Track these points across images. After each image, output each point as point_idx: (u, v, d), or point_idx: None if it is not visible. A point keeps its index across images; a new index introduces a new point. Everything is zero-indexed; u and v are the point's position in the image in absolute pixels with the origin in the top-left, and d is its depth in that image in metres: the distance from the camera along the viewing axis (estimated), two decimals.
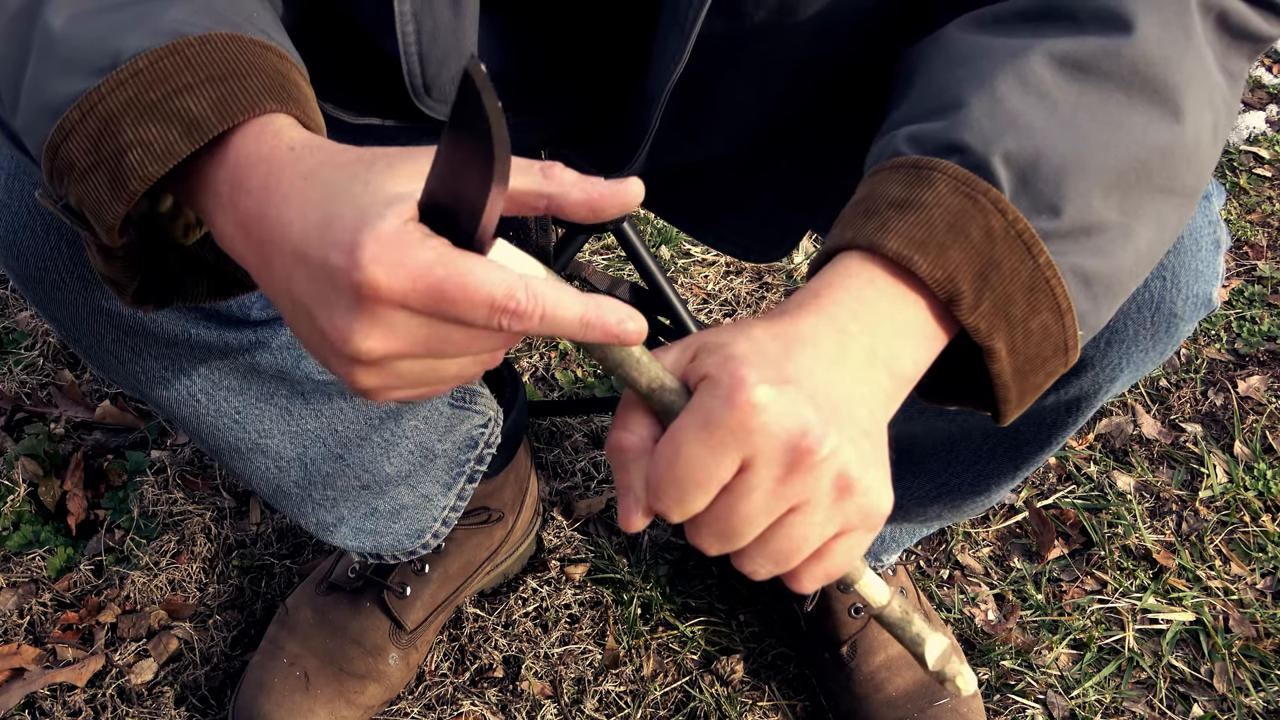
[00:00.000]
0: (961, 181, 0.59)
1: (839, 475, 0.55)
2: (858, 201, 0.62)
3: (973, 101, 0.61)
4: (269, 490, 1.06)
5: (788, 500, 0.55)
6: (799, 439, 0.54)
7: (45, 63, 0.59)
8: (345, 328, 0.53)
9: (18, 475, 1.49)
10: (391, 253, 0.51)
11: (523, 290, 0.52)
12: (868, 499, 0.57)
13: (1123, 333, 0.78)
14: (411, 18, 0.69)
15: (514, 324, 0.52)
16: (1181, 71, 0.62)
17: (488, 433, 1.19)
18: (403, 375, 0.56)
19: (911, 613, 0.66)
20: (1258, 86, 2.44)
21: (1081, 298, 0.62)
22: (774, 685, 1.34)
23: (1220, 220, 0.80)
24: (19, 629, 1.35)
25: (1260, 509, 1.55)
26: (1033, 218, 0.59)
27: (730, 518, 0.56)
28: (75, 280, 0.79)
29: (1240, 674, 1.37)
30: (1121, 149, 0.61)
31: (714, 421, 0.54)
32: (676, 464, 0.55)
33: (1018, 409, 0.64)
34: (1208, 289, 0.79)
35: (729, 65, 0.78)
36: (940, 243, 0.58)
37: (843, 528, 0.58)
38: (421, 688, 1.32)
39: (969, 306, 0.59)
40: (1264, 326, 1.83)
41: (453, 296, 0.51)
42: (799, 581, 0.60)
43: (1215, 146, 0.66)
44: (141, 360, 0.87)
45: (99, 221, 0.58)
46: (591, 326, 0.54)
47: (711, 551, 0.58)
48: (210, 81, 0.56)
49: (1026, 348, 0.61)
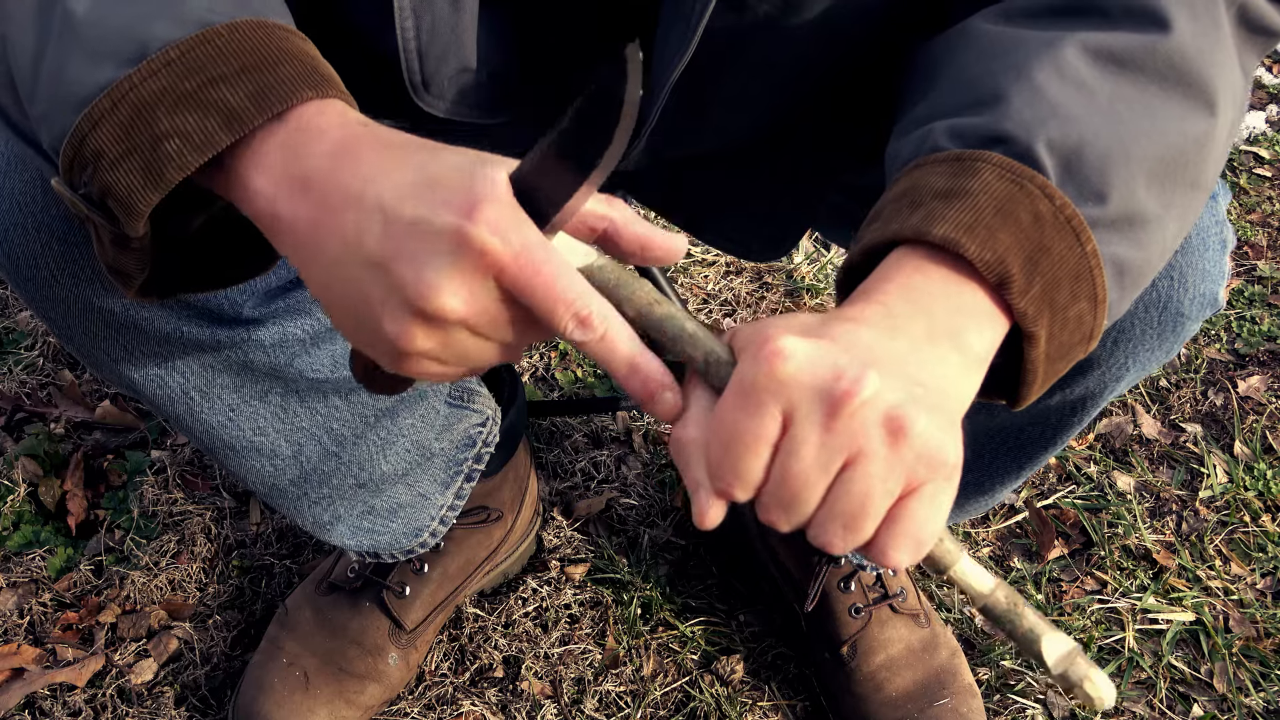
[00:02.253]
0: (1007, 169, 0.58)
1: (887, 418, 0.53)
2: (899, 195, 0.61)
3: (1012, 93, 0.61)
4: (265, 489, 1.06)
5: (839, 451, 0.54)
6: (833, 382, 0.53)
7: (68, 51, 0.59)
8: (434, 281, 0.54)
9: (18, 475, 1.49)
10: (507, 221, 0.53)
11: (598, 310, 0.55)
12: (928, 445, 0.53)
13: (1129, 332, 0.78)
14: (411, 13, 0.70)
15: (577, 334, 0.55)
16: (1215, 65, 0.63)
17: (485, 432, 1.19)
18: (452, 347, 0.57)
19: (1021, 604, 0.60)
20: (1258, 86, 2.44)
21: (1114, 288, 0.61)
22: (774, 685, 1.34)
23: (1226, 220, 0.80)
24: (19, 629, 1.35)
25: (1260, 509, 1.55)
26: (1080, 205, 0.59)
27: (786, 479, 0.55)
28: (67, 277, 0.79)
29: (1240, 674, 1.37)
30: (1161, 140, 0.61)
31: (747, 381, 0.54)
32: (723, 433, 0.55)
33: (1036, 395, 0.63)
34: (1214, 288, 0.79)
35: (731, 59, 0.78)
36: (989, 225, 0.57)
37: (909, 481, 0.54)
38: (421, 688, 1.32)
39: (1020, 290, 0.57)
40: (1264, 326, 1.83)
41: (542, 284, 0.54)
42: (886, 555, 0.56)
43: (1230, 143, 0.67)
44: (134, 358, 0.87)
45: (127, 210, 0.58)
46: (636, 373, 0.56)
47: (784, 527, 0.57)
48: (244, 72, 0.57)
49: (1062, 335, 0.60)
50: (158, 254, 0.65)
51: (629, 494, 1.53)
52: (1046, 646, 0.59)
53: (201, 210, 0.66)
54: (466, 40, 0.73)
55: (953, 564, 0.59)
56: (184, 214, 0.66)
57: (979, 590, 0.60)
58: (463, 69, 0.75)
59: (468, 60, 0.74)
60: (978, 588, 0.60)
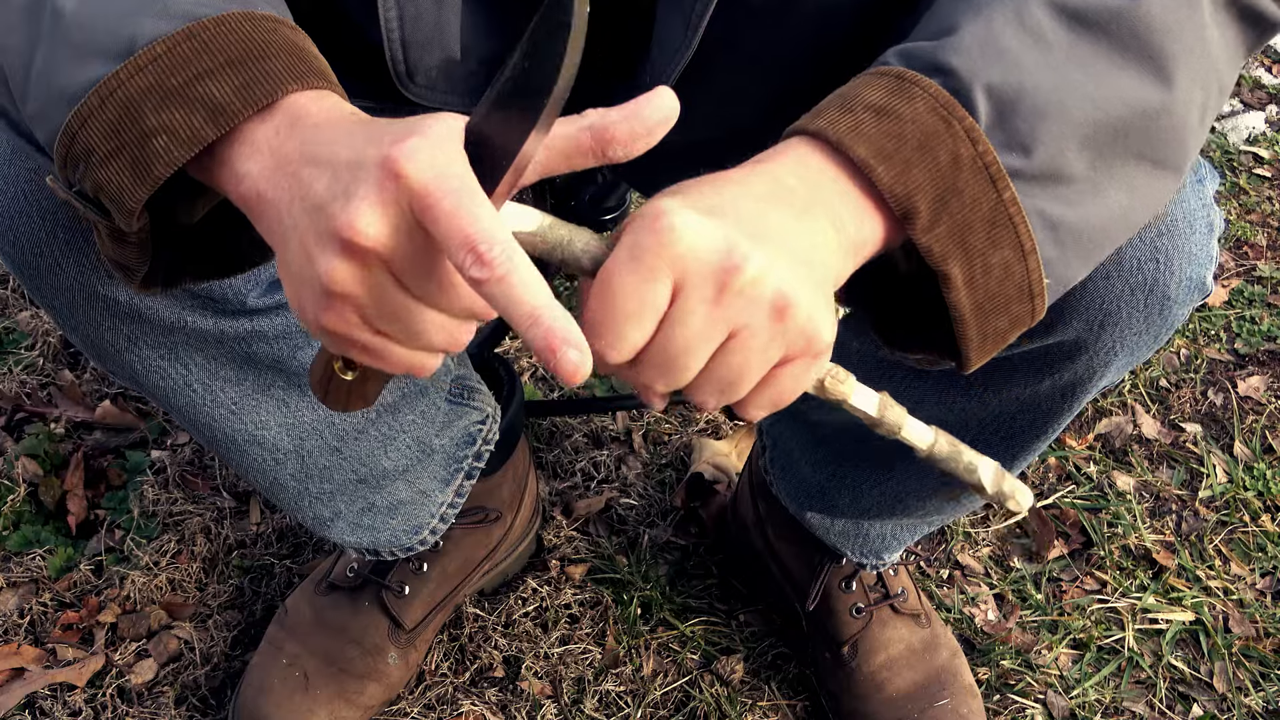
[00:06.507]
0: (940, 103, 0.59)
1: (776, 296, 0.55)
2: (837, 95, 0.62)
3: (966, 28, 0.61)
4: (266, 483, 1.06)
5: (725, 324, 0.55)
6: (725, 258, 0.54)
7: (57, 49, 0.59)
8: (353, 207, 0.52)
9: (18, 475, 1.49)
10: (431, 150, 0.52)
11: (501, 247, 0.50)
12: (811, 323, 0.56)
13: (1116, 315, 0.78)
14: (394, 5, 0.70)
15: (474, 270, 0.50)
16: (1180, 42, 0.63)
17: (485, 429, 1.19)
18: (377, 297, 0.55)
19: (957, 443, 0.66)
20: (1258, 86, 2.44)
21: (1047, 243, 0.62)
22: (774, 685, 1.34)
23: (1214, 204, 0.80)
24: (19, 629, 1.35)
25: (1260, 509, 1.55)
26: (1003, 154, 0.60)
27: (670, 346, 0.55)
28: (71, 266, 0.79)
29: (1240, 674, 1.37)
30: (1105, 105, 0.61)
31: (639, 248, 0.54)
32: (607, 297, 0.55)
33: (979, 353, 0.64)
34: (1201, 272, 0.79)
35: (727, 50, 0.78)
36: (906, 159, 0.58)
37: (786, 353, 0.58)
38: (421, 688, 1.32)
39: (923, 227, 0.59)
40: (1264, 326, 1.83)
41: (446, 210, 0.51)
42: (746, 410, 0.60)
43: (1201, 127, 0.66)
44: (138, 348, 0.87)
45: (119, 206, 0.58)
46: (538, 326, 0.51)
47: (658, 387, 0.58)
48: (230, 65, 0.57)
49: (987, 283, 0.61)
50: (160, 245, 0.66)
51: (629, 494, 1.53)
52: (983, 473, 0.67)
53: (204, 197, 0.67)
54: (450, 30, 0.73)
55: (900, 427, 0.66)
56: (188, 201, 0.66)
57: (924, 442, 0.67)
58: (448, 58, 0.75)
59: (451, 50, 0.74)
60: (923, 441, 0.67)
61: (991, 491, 0.68)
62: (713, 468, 1.54)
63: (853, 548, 1.22)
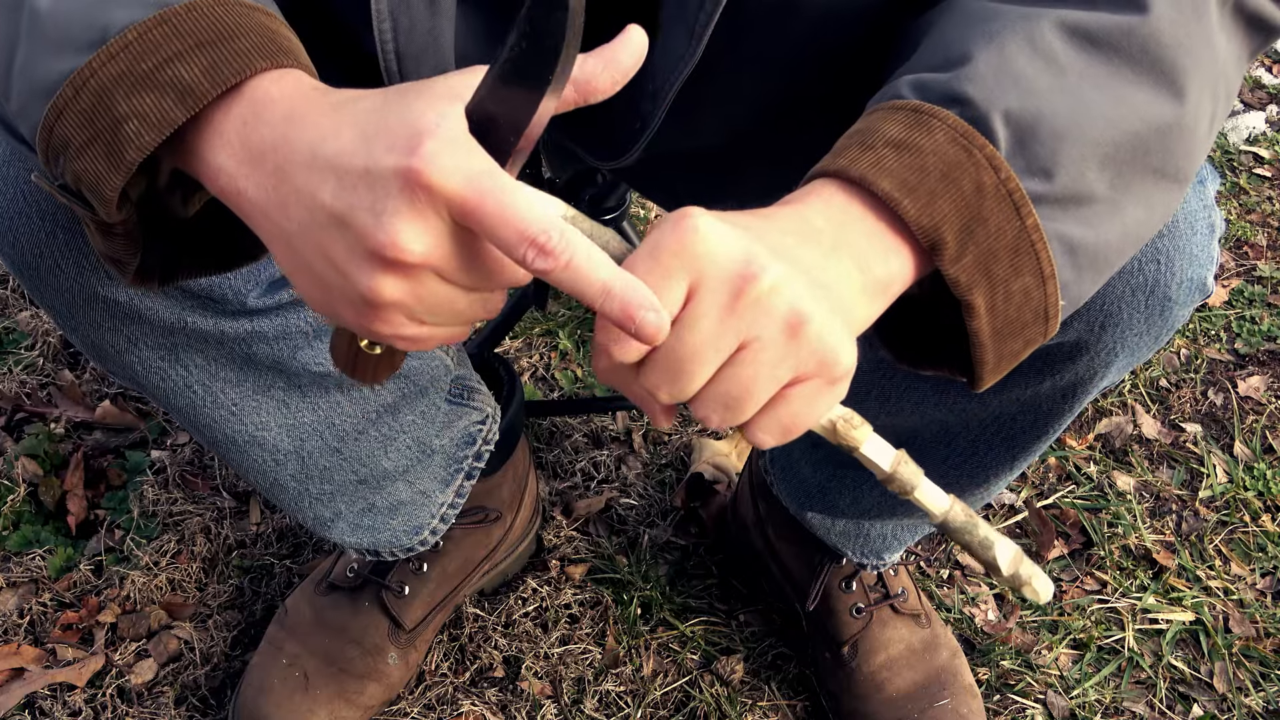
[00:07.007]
0: (960, 133, 0.59)
1: (790, 311, 0.54)
2: (855, 133, 0.62)
3: (980, 57, 0.61)
4: (266, 484, 1.06)
5: (736, 333, 0.55)
6: (744, 266, 0.54)
7: (35, 44, 0.59)
8: (391, 225, 0.52)
9: (18, 475, 1.49)
10: (452, 152, 0.52)
11: (558, 232, 0.52)
12: (824, 343, 0.55)
13: (1117, 316, 0.78)
14: (388, 15, 0.70)
15: (540, 263, 0.52)
16: (1191, 55, 0.63)
17: (485, 430, 1.19)
18: (424, 298, 0.56)
19: (974, 516, 0.64)
20: (1258, 86, 2.44)
21: (1066, 267, 0.62)
22: (774, 685, 1.34)
23: (1215, 205, 0.80)
24: (19, 629, 1.35)
25: (1260, 509, 1.55)
26: (1025, 179, 0.59)
27: (679, 349, 0.55)
28: (71, 266, 0.79)
29: (1240, 674, 1.37)
30: (1121, 124, 0.61)
31: (660, 247, 0.55)
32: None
33: (994, 374, 0.64)
34: (1202, 273, 0.79)
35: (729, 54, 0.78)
36: (931, 190, 0.58)
37: (797, 373, 0.56)
38: (421, 688, 1.32)
39: (951, 257, 0.59)
40: (1264, 326, 1.83)
41: (492, 211, 0.51)
42: (753, 434, 0.58)
43: (1210, 135, 0.66)
44: (138, 349, 0.87)
45: (97, 196, 0.58)
46: (612, 298, 0.53)
47: (662, 396, 0.57)
48: (200, 47, 0.57)
49: (1007, 309, 0.61)
50: (153, 239, 0.66)
51: (629, 494, 1.53)
52: (1000, 552, 0.64)
53: (198, 191, 0.67)
54: (444, 42, 0.73)
55: (914, 488, 0.63)
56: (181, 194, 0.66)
57: (939, 508, 0.64)
58: (442, 69, 0.75)
59: (445, 61, 0.74)
60: (937, 507, 0.64)
61: (1007, 574, 0.64)
62: (713, 468, 1.54)
63: (853, 548, 1.22)
